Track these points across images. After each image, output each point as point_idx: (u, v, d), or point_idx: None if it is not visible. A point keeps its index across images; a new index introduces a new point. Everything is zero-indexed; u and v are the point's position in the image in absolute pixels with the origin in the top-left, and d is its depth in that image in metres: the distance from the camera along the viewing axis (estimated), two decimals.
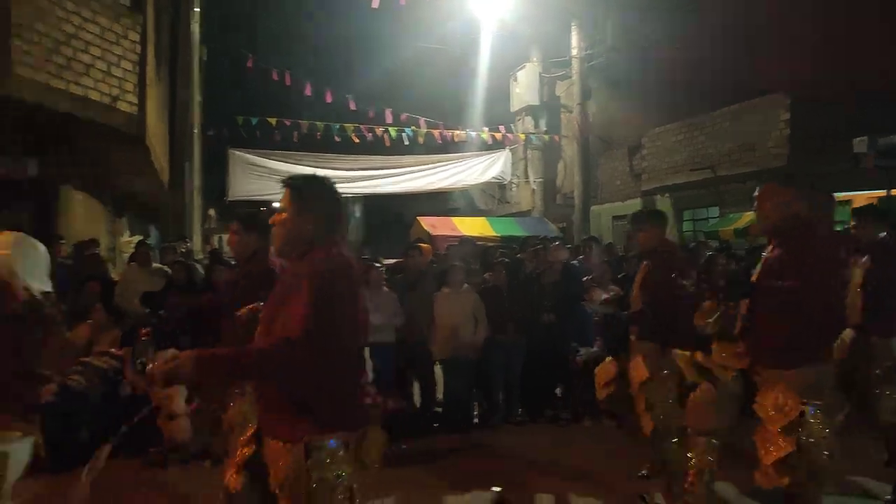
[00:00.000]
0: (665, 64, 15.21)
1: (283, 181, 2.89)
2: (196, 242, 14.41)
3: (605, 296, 5.97)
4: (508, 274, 7.92)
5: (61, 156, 9.67)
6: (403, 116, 18.20)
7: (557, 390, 7.97)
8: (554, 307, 7.53)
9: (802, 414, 3.52)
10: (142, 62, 9.35)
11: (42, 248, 3.60)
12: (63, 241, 8.00)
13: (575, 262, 8.53)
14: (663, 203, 16.38)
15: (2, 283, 3.21)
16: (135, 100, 9.23)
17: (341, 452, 2.64)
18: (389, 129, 18.01)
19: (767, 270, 3.76)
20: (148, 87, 9.61)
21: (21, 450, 3.27)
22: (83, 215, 10.45)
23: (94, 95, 8.51)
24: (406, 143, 18.56)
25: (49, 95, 7.89)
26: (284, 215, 2.80)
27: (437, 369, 7.73)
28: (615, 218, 18.82)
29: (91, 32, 8.51)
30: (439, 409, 7.71)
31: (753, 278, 3.86)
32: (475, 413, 7.76)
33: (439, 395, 7.78)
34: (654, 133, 17.08)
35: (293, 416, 2.62)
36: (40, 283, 3.46)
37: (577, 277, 7.41)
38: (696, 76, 14.29)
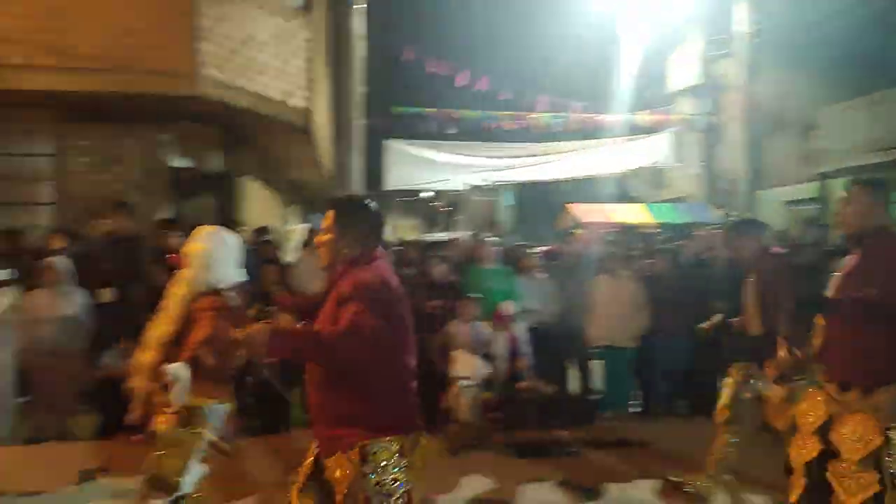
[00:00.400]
0: (841, 36, 14.07)
1: (327, 203, 3.09)
2: None
3: None
4: (671, 261, 7.70)
5: (241, 149, 10.47)
6: (555, 102, 18.05)
7: None
8: (727, 295, 7.19)
9: (887, 441, 3.21)
10: (311, 59, 9.92)
11: (235, 239, 3.94)
12: (244, 228, 8.64)
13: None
14: (842, 187, 15.17)
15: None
16: (305, 95, 9.81)
17: (397, 455, 2.69)
18: (542, 115, 17.91)
19: (849, 281, 3.47)
20: (316, 82, 10.18)
21: (216, 412, 3.66)
22: (260, 205, 11.26)
23: (269, 92, 9.14)
24: (559, 129, 18.39)
25: (231, 93, 8.55)
26: (329, 235, 2.95)
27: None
28: (788, 203, 17.67)
29: (267, 33, 9.13)
30: (596, 398, 7.66)
31: (830, 291, 3.57)
32: (634, 403, 7.63)
33: (597, 384, 7.72)
34: (832, 111, 15.85)
35: (347, 426, 2.71)
36: (234, 273, 3.78)
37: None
38: (877, 48, 13.11)
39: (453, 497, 5.16)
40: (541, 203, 26.38)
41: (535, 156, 18.62)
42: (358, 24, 14.67)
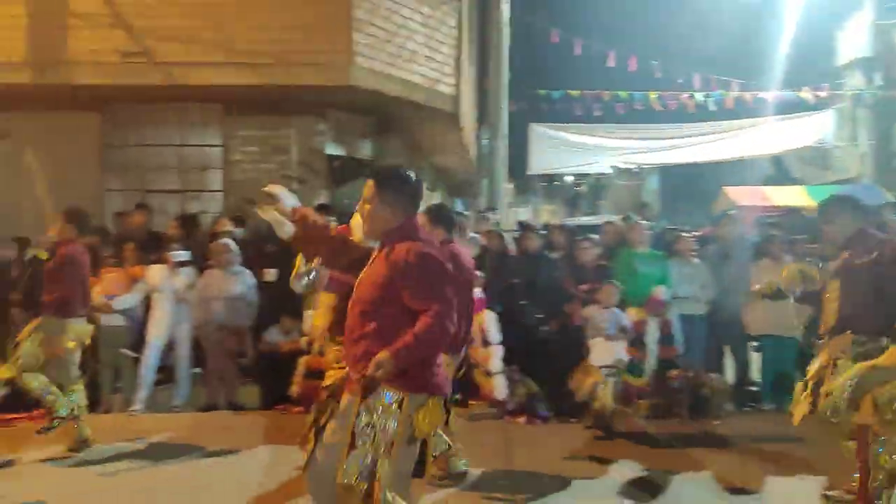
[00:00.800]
0: None
1: (368, 174, 3.13)
2: (504, 214, 15.13)
3: None
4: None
5: (388, 136, 10.78)
6: (710, 79, 17.19)
7: None
8: None
9: None
10: (458, 45, 10.03)
11: None
12: None
13: None
14: None
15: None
16: (453, 81, 9.95)
17: (394, 406, 2.85)
18: (695, 93, 17.15)
19: None
20: (462, 68, 10.29)
21: None
22: None
23: (418, 80, 9.35)
24: (713, 108, 17.53)
25: (383, 82, 8.82)
26: (370, 205, 3.04)
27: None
28: None
29: (416, 21, 9.33)
30: (754, 388, 7.29)
31: None
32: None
33: (756, 375, 7.35)
34: None
35: (365, 370, 2.86)
36: None
37: None
38: None
39: (601, 481, 5.11)
40: (689, 186, 25.32)
41: (686, 136, 17.89)
42: (504, 8, 14.65)
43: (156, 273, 6.93)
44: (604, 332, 6.23)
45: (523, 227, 8.79)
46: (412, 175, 3.14)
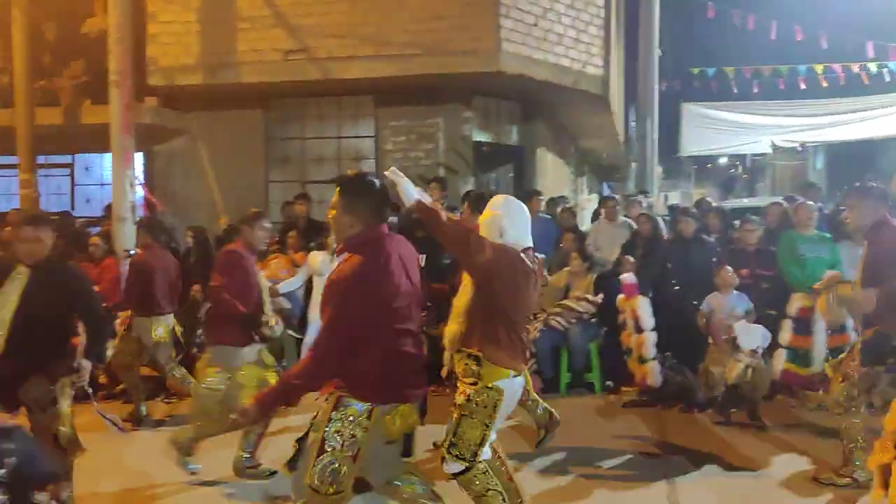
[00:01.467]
0: None
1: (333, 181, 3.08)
2: (656, 198, 14.68)
3: None
4: None
5: (535, 121, 10.73)
6: (884, 48, 15.74)
7: None
8: None
9: None
10: (606, 25, 9.81)
11: (523, 206, 4.07)
12: (542, 198, 8.89)
13: None
14: None
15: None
16: (601, 62, 9.75)
17: (363, 417, 3.02)
18: (868, 64, 15.77)
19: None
20: (611, 48, 10.06)
21: (513, 386, 3.65)
22: (552, 175, 11.48)
23: (565, 62, 9.24)
24: (888, 79, 16.07)
25: (530, 66, 8.80)
26: (333, 212, 3.10)
27: None
28: None
29: (562, 3, 9.22)
30: None
31: None
32: None
33: None
34: None
35: (339, 379, 3.07)
36: (522, 238, 3.89)
37: None
38: None
39: (765, 473, 4.90)
40: (860, 165, 23.35)
41: (856, 111, 16.53)
42: None
43: (316, 258, 7.30)
44: (737, 316, 6.01)
45: (676, 210, 8.49)
46: (376, 183, 3.13)
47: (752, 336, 5.92)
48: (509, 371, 3.58)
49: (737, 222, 7.52)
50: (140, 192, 8.90)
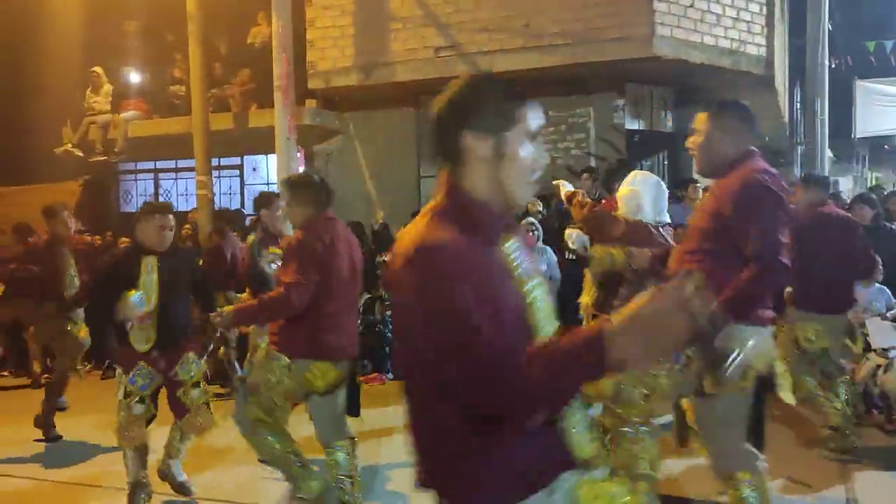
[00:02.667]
0: None
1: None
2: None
3: None
4: None
5: (691, 106, 10.27)
6: None
7: None
8: None
9: None
10: (769, 2, 9.23)
11: (660, 182, 4.04)
12: (698, 185, 8.51)
13: None
14: None
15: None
16: (762, 42, 9.20)
17: (285, 368, 3.77)
18: None
19: None
20: (774, 25, 9.46)
21: None
22: None
23: (724, 44, 8.79)
24: None
25: (686, 50, 8.45)
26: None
27: None
28: None
29: None
30: None
31: None
32: None
33: None
34: None
35: (277, 335, 3.87)
36: (660, 215, 3.94)
37: None
38: None
39: None
40: None
41: None
42: None
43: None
44: (875, 311, 5.49)
45: (856, 197, 7.87)
46: (316, 179, 4.03)
47: (884, 334, 5.51)
48: None
49: None
50: None
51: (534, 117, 1.65)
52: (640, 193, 3.94)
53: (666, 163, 10.34)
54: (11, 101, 12.99)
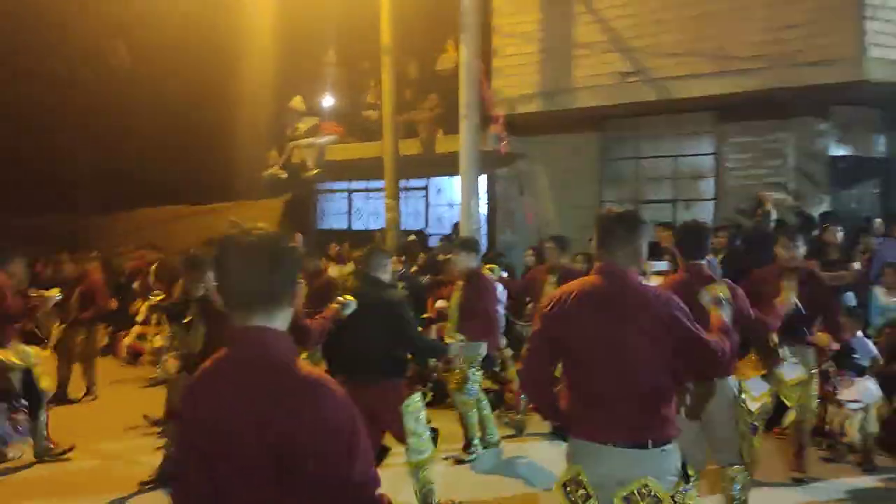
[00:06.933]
0: None
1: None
2: None
3: None
4: None
5: None
6: None
7: None
8: None
9: None
10: None
11: None
12: None
13: None
14: None
15: None
16: None
17: None
18: None
19: None
20: None
21: None
22: None
23: None
24: None
25: None
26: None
27: None
28: None
29: None
30: None
31: None
32: None
33: None
34: None
35: None
36: None
37: None
38: None
39: None
40: None
41: None
42: None
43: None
44: None
45: None
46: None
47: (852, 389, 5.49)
48: None
49: None
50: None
51: None
52: None
53: (876, 191, 9.43)
54: (224, 127, 14.42)
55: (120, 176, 16.46)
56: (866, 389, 5.51)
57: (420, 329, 5.09)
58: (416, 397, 4.15)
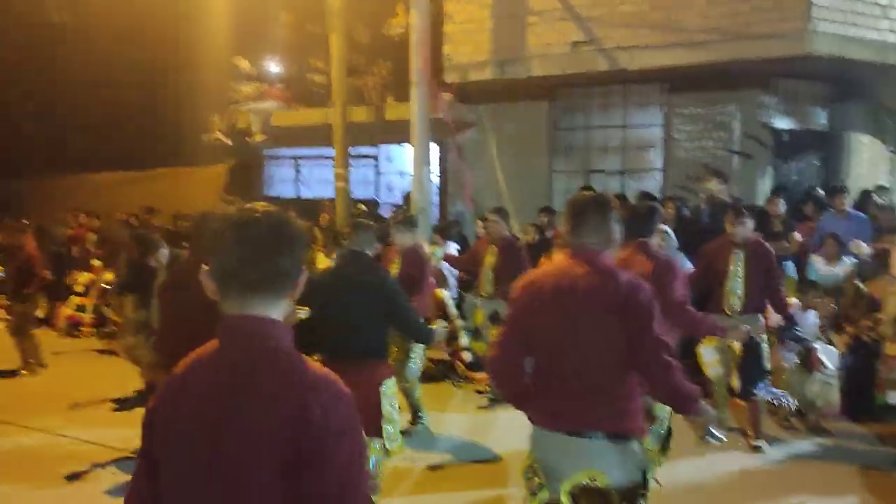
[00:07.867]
0: None
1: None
2: None
3: None
4: None
5: (848, 103, 9.55)
6: None
7: None
8: None
9: None
10: None
11: None
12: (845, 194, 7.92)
13: None
14: None
15: None
16: None
17: None
18: None
19: None
20: None
21: None
22: (869, 164, 10.12)
23: (892, 38, 8.07)
24: None
25: (846, 46, 7.82)
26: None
27: None
28: None
29: None
30: None
31: None
32: None
33: None
34: None
35: None
36: None
37: None
38: None
39: None
40: None
41: None
42: None
43: None
44: None
45: None
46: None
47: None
48: None
49: None
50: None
51: None
52: None
53: (818, 164, 9.67)
54: (166, 89, 13.95)
55: (59, 140, 15.86)
56: (831, 355, 5.69)
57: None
58: (392, 381, 3.85)
